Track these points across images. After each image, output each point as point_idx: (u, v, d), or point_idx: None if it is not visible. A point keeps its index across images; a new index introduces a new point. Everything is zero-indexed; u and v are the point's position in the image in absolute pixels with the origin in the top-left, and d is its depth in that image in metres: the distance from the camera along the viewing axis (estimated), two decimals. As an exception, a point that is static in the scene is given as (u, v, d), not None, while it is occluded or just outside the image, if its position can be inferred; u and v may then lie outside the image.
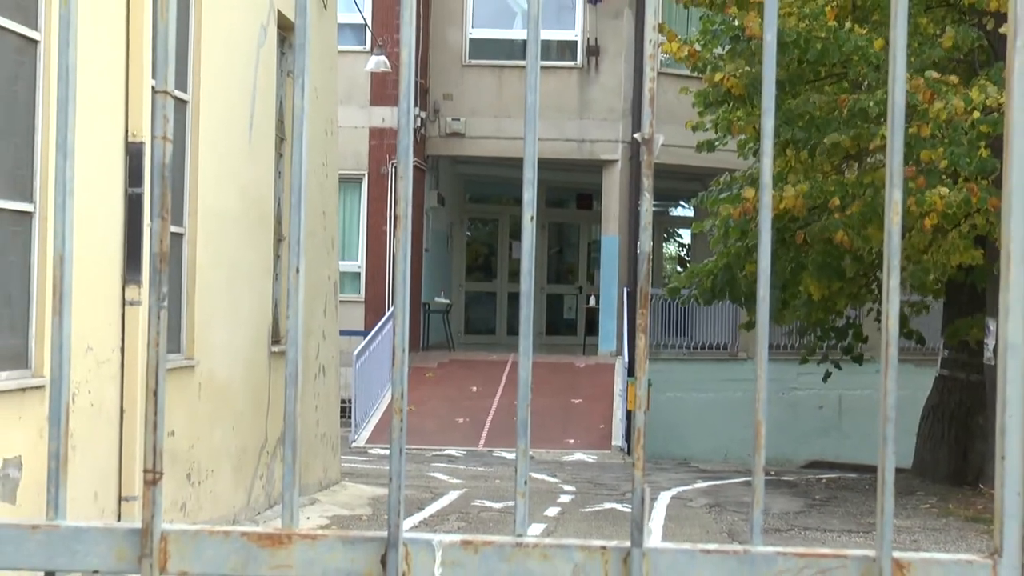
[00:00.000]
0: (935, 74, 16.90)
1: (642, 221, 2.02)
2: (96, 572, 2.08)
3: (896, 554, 1.96)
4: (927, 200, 16.12)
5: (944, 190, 16.33)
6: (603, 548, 2.01)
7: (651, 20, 2.06)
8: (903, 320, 13.30)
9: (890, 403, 1.99)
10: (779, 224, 17.62)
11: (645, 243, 2.02)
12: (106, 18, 11.29)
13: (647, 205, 2.03)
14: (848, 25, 17.42)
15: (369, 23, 27.89)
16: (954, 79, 16.76)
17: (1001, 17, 17.03)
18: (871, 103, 16.97)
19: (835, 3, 17.68)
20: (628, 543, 1.99)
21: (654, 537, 5.17)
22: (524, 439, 2.07)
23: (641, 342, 2.03)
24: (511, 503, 16.74)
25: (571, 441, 25.14)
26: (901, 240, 1.97)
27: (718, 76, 19.28)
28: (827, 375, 22.39)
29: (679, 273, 25.02)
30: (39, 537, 2.04)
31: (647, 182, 2.04)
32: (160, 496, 2.03)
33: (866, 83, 17.65)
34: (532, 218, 2.05)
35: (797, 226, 18.31)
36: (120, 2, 11.61)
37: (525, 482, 2.05)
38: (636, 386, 1.99)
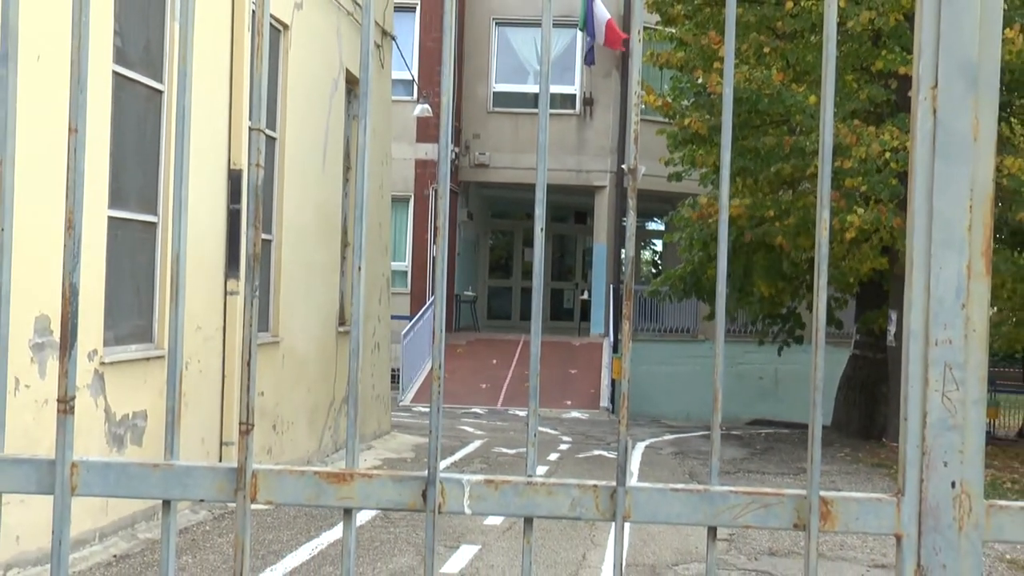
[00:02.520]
0: (857, 122, 16.95)
1: (628, 232, 2.01)
2: (202, 500, 2.08)
3: (822, 493, 1.95)
4: (847, 220, 16.19)
5: (860, 211, 16.38)
6: (595, 486, 2.00)
7: (636, 77, 2.06)
8: (828, 311, 13.41)
9: (819, 375, 1.97)
10: (730, 235, 17.64)
11: (630, 250, 2.02)
12: (214, 72, 11.30)
13: (632, 220, 2.02)
14: (789, 84, 17.45)
15: (416, 79, 27.89)
16: (871, 128, 16.79)
17: (904, 79, 17.03)
18: (807, 143, 17.05)
19: (778, 67, 17.68)
20: (614, 483, 1.98)
21: (633, 478, 5.22)
22: (534, 400, 2.06)
23: (626, 326, 2.02)
24: (522, 450, 16.78)
25: (568, 402, 25.14)
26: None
27: (686, 121, 19.38)
28: (780, 350, 22.58)
29: (656, 277, 25.10)
30: (159, 474, 2.03)
31: (632, 202, 2.03)
32: (252, 443, 2.03)
33: (800, 128, 17.65)
34: (542, 230, 2.04)
35: (742, 231, 18.39)
36: (224, 60, 11.62)
37: (535, 434, 2.04)
38: (621, 360, 1.97)
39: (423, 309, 27.60)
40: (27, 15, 2.04)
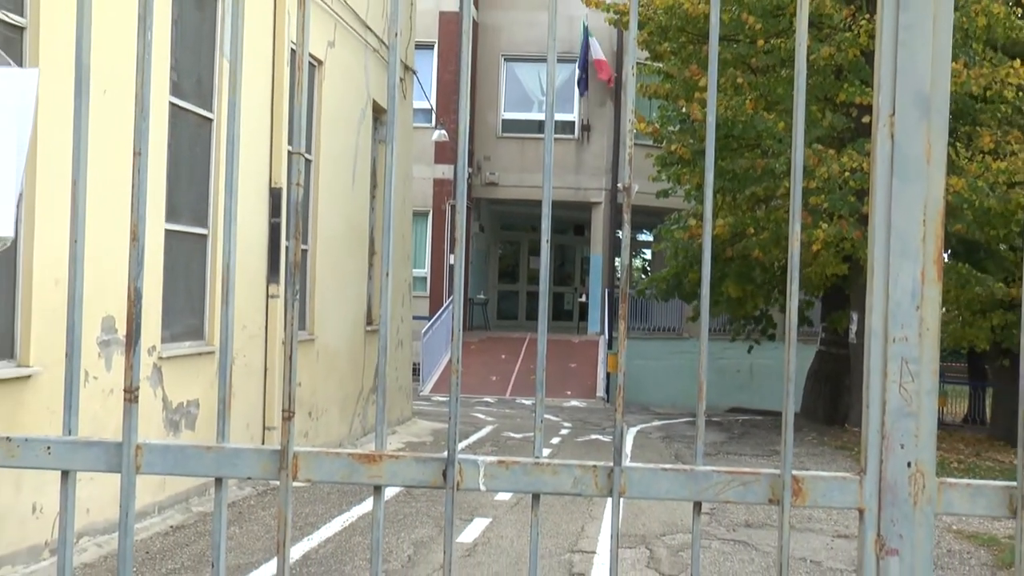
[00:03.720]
0: (819, 146, 16.95)
1: (623, 242, 2.02)
2: (249, 478, 2.08)
3: (794, 472, 1.95)
4: (814, 234, 16.20)
5: (825, 226, 16.38)
6: (594, 466, 2.00)
7: (630, 106, 2.06)
8: (799, 312, 13.21)
9: (791, 368, 1.98)
10: (712, 246, 17.72)
11: (625, 258, 2.02)
12: (257, 102, 11.32)
13: (627, 231, 2.02)
14: (760, 112, 17.48)
15: (434, 108, 27.93)
16: (832, 152, 16.81)
17: (862, 108, 17.04)
18: (776, 165, 17.08)
19: (751, 98, 17.70)
20: (611, 463, 1.99)
21: (627, 459, 5.25)
22: (541, 391, 2.06)
23: (622, 326, 2.02)
24: (529, 434, 16.74)
25: (568, 392, 25.14)
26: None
27: (672, 147, 19.45)
28: (750, 348, 22.73)
29: (643, 279, 25.17)
30: (211, 454, 2.04)
31: (626, 216, 2.03)
32: (293, 428, 2.03)
33: (771, 151, 17.67)
34: (547, 240, 2.04)
35: (724, 246, 18.42)
36: (266, 92, 11.64)
37: (541, 420, 2.04)
38: (617, 355, 1.98)
39: (440, 310, 27.64)
40: (95, 55, 2.05)
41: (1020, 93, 16.83)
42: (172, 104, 9.76)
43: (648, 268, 31.62)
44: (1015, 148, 16.86)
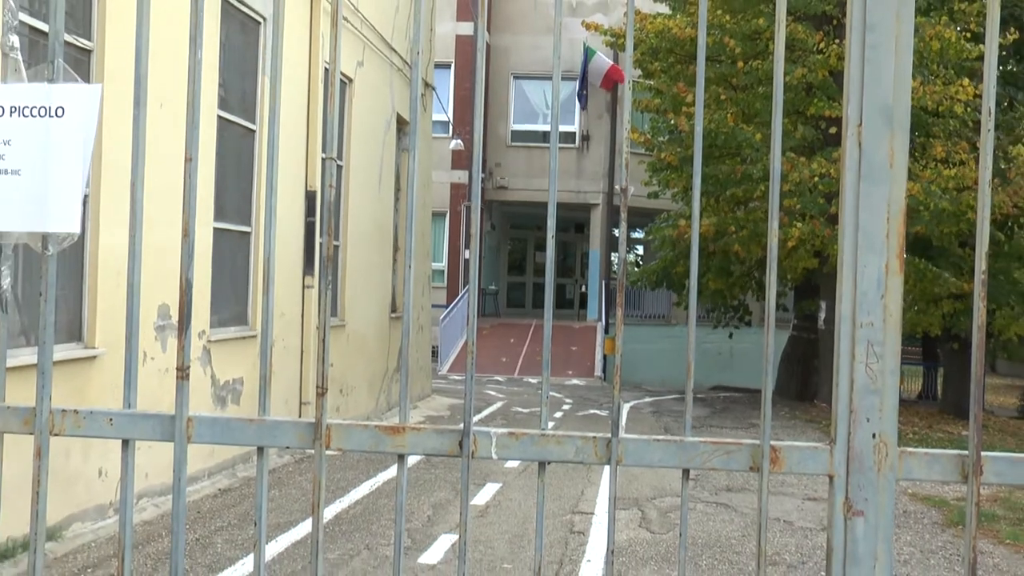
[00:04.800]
0: (792, 154, 16.95)
1: (620, 239, 2.00)
2: (287, 448, 2.07)
3: (772, 442, 1.94)
4: (789, 232, 16.20)
5: (799, 225, 16.38)
6: (594, 437, 1.99)
7: (627, 119, 2.05)
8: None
9: (770, 350, 1.97)
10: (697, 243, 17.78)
11: (622, 253, 2.01)
12: (294, 115, 11.32)
13: (623, 229, 2.01)
14: (740, 125, 17.49)
15: (451, 120, 27.92)
16: (803, 159, 16.80)
17: (830, 120, 17.02)
18: (754, 171, 17.07)
19: (732, 112, 17.69)
20: (609, 435, 1.98)
21: (622, 432, 5.19)
22: (547, 371, 2.05)
23: (619, 313, 2.01)
24: (535, 409, 16.75)
25: (570, 372, 25.13)
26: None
27: (662, 154, 19.46)
28: (731, 334, 22.72)
29: (636, 271, 25.17)
30: (254, 427, 2.03)
31: (623, 215, 2.02)
32: (326, 403, 2.03)
33: (749, 159, 17.64)
34: (552, 237, 2.03)
35: (708, 243, 18.41)
36: (303, 105, 11.63)
37: (546, 397, 2.03)
38: (614, 339, 1.97)
39: (456, 300, 27.64)
40: (152, 73, 2.05)
41: (968, 108, 16.82)
42: (220, 117, 9.76)
43: (640, 262, 31.55)
44: (964, 158, 16.87)
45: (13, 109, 1.96)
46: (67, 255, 7.14)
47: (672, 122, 19.33)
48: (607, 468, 1.94)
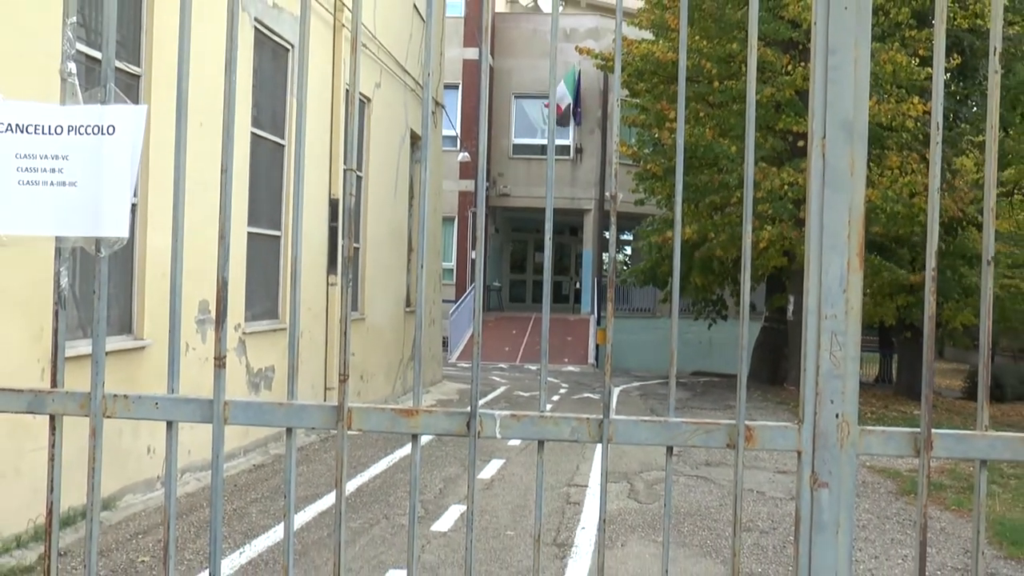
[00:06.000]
0: (764, 164, 16.95)
1: (611, 241, 2.00)
2: (313, 428, 2.07)
3: (747, 422, 1.94)
4: (761, 235, 16.22)
5: (770, 228, 16.39)
6: (588, 418, 1.99)
7: (616, 133, 2.04)
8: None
9: (745, 340, 1.96)
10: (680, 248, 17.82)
11: (612, 253, 2.01)
12: (319, 131, 11.33)
13: (613, 232, 2.01)
14: (717, 138, 17.48)
15: (459, 134, 27.91)
16: (774, 169, 16.82)
17: (796, 134, 17.02)
18: (730, 180, 17.08)
19: (709, 127, 17.67)
20: (601, 416, 1.98)
21: (612, 413, 5.17)
22: (545, 358, 2.05)
23: (610, 307, 2.01)
24: (535, 393, 16.75)
25: (566, 360, 25.13)
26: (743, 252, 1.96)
27: (647, 165, 19.45)
28: (710, 325, 22.69)
29: (625, 270, 25.15)
30: (284, 410, 2.03)
31: (613, 219, 2.02)
32: (348, 388, 2.02)
33: (725, 169, 17.62)
34: (549, 239, 2.03)
35: (691, 250, 18.47)
36: (326, 122, 11.63)
37: (544, 381, 2.03)
38: (606, 330, 1.96)
39: (464, 295, 27.62)
40: (192, 95, 2.04)
41: (918, 124, 16.84)
42: (253, 133, 9.76)
43: (628, 261, 31.52)
44: (915, 167, 16.91)
45: (71, 128, 1.96)
46: (118, 257, 7.14)
47: (656, 136, 19.33)
48: (599, 446, 1.93)
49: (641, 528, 7.33)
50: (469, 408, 2.00)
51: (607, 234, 29.46)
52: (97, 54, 6.42)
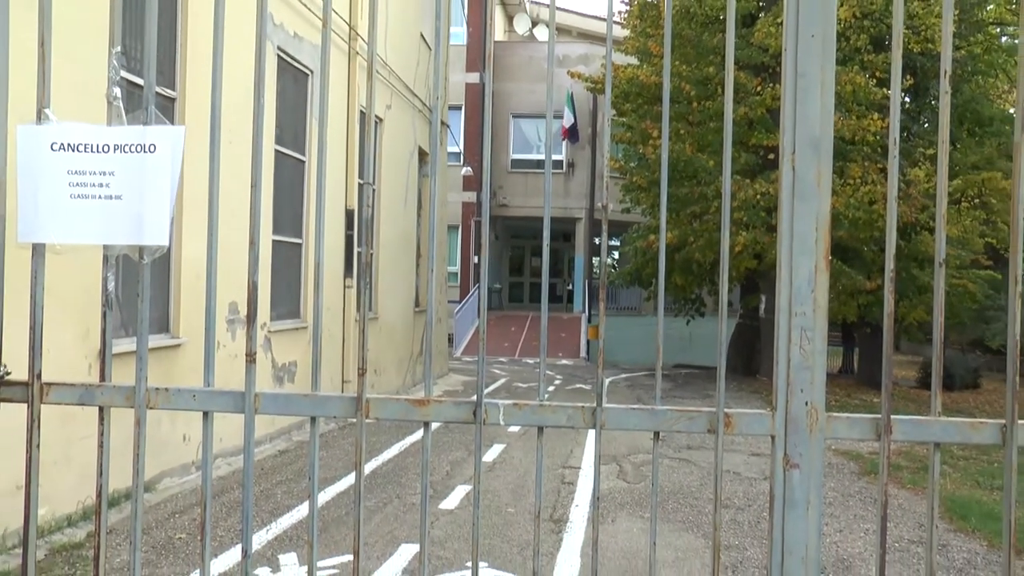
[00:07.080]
0: (739, 177, 16.95)
1: (602, 247, 2.01)
2: (334, 417, 2.07)
3: (725, 410, 1.94)
4: (736, 240, 16.22)
5: (744, 234, 16.39)
6: (582, 407, 1.99)
7: (606, 150, 2.04)
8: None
9: (722, 335, 1.97)
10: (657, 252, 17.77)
11: (603, 257, 2.01)
12: (337, 148, 11.32)
13: (604, 238, 2.01)
14: (696, 153, 17.48)
15: (462, 151, 27.89)
16: (748, 181, 16.81)
17: (768, 149, 17.02)
18: (708, 191, 17.08)
19: (689, 143, 17.66)
20: (594, 404, 1.98)
21: (604, 402, 5.17)
22: (543, 353, 2.05)
23: (601, 307, 2.01)
24: (533, 384, 16.68)
25: (560, 354, 25.09)
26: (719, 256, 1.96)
27: (633, 177, 19.44)
28: (688, 321, 22.61)
29: (613, 272, 25.14)
30: (307, 400, 2.03)
31: (604, 226, 2.02)
32: (365, 381, 2.02)
33: (703, 181, 17.61)
34: (547, 245, 2.03)
35: (672, 254, 18.41)
36: (343, 140, 11.62)
37: (543, 374, 2.03)
38: (597, 327, 1.96)
39: (467, 296, 27.60)
40: (224, 116, 2.05)
41: (877, 138, 16.86)
42: (277, 151, 9.75)
43: (616, 264, 31.51)
44: (874, 178, 16.91)
45: (116, 147, 1.97)
46: (158, 263, 7.14)
47: (641, 152, 19.30)
48: (592, 431, 1.93)
49: (629, 506, 7.33)
50: (475, 398, 2.00)
51: (597, 240, 29.47)
52: (138, 80, 6.42)
